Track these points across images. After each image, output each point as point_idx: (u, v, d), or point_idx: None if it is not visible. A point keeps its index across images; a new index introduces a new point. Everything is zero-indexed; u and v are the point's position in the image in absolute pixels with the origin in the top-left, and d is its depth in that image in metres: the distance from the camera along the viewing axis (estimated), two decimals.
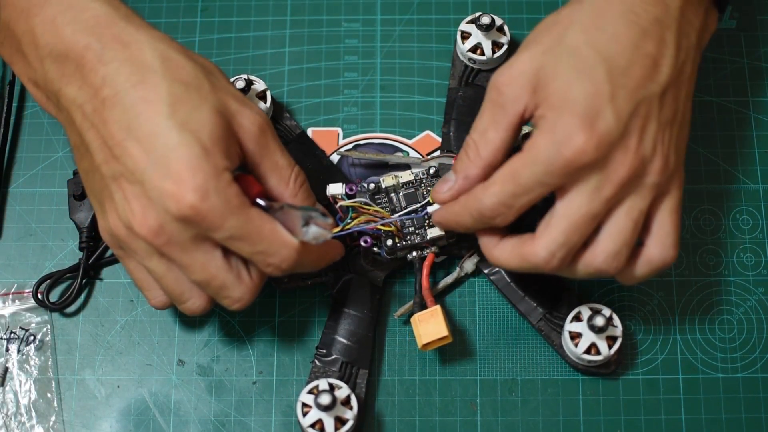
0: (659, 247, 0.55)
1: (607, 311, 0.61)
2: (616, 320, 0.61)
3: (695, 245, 0.66)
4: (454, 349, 0.64)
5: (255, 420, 0.63)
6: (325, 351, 0.62)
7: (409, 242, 0.63)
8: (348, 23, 0.73)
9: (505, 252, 0.56)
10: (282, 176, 0.56)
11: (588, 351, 0.60)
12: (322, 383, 0.59)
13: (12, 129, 0.70)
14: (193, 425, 0.63)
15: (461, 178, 0.56)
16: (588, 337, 0.60)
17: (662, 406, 0.63)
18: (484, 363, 0.64)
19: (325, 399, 0.57)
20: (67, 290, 0.65)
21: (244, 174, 0.55)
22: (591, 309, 0.61)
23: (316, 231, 0.52)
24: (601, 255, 0.54)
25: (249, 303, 0.55)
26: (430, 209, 0.61)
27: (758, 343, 0.64)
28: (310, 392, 0.59)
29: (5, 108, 0.70)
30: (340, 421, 0.58)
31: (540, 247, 0.54)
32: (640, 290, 0.65)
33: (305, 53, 0.72)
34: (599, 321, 0.59)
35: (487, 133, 0.55)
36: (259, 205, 0.54)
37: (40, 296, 0.65)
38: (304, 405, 0.59)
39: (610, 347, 0.60)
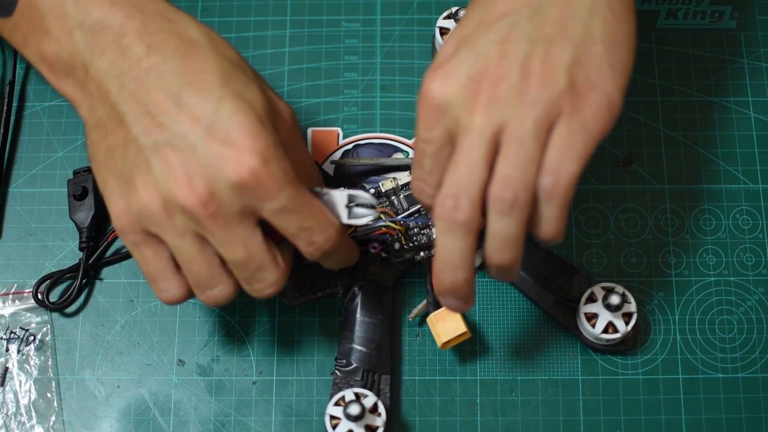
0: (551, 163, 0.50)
1: (620, 289, 0.61)
2: (630, 297, 0.61)
3: (695, 245, 0.66)
4: (454, 348, 0.64)
5: (255, 420, 0.63)
6: (344, 361, 0.62)
7: (416, 243, 0.63)
8: (348, 23, 0.73)
9: (436, 246, 0.52)
10: (308, 172, 0.57)
11: (605, 330, 0.61)
12: (348, 394, 0.59)
13: (12, 129, 0.70)
14: (193, 425, 0.63)
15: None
16: (604, 317, 0.61)
17: (662, 406, 0.63)
18: (484, 363, 0.64)
19: (354, 409, 0.57)
20: (67, 290, 0.65)
21: None
22: (604, 288, 0.61)
23: (361, 210, 0.54)
24: (493, 183, 0.50)
25: (280, 289, 0.54)
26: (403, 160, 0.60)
27: (758, 343, 0.64)
28: (336, 404, 0.59)
29: (5, 108, 0.70)
30: (370, 429, 0.59)
31: (439, 196, 0.51)
32: (641, 290, 0.65)
33: (305, 53, 0.72)
34: (615, 299, 0.60)
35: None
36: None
37: (40, 296, 0.65)
38: (333, 417, 0.59)
39: (626, 324, 0.61)
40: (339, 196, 0.54)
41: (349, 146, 0.69)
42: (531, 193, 0.50)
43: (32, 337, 0.65)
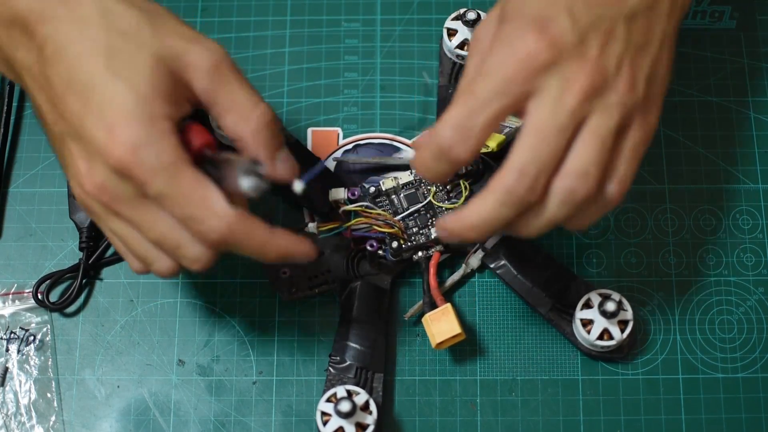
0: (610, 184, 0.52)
1: (616, 296, 0.61)
2: (626, 304, 0.61)
3: (695, 245, 0.66)
4: (454, 349, 0.64)
5: (255, 420, 0.63)
6: (338, 358, 0.62)
7: (414, 243, 0.63)
8: (348, 23, 0.73)
9: (473, 203, 0.51)
10: (241, 114, 0.52)
11: (600, 337, 0.61)
12: (340, 390, 0.59)
13: (12, 129, 0.70)
14: (193, 425, 0.63)
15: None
16: (600, 323, 0.61)
17: (662, 406, 0.63)
18: (484, 363, 0.64)
19: (345, 406, 0.57)
20: (67, 290, 0.65)
21: (193, 123, 0.52)
22: (600, 295, 0.61)
23: (250, 182, 0.49)
24: (570, 174, 0.50)
25: (209, 264, 0.52)
26: (404, 155, 0.56)
27: (758, 343, 0.64)
28: (328, 400, 0.59)
29: (5, 108, 0.70)
30: (360, 427, 0.59)
31: (508, 168, 0.50)
32: (641, 290, 0.65)
33: (305, 53, 0.72)
34: (610, 306, 0.60)
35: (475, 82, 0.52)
36: (205, 159, 0.51)
37: (40, 296, 0.65)
38: (324, 414, 0.59)
39: (622, 331, 0.61)
40: (239, 164, 0.50)
41: (349, 146, 0.69)
42: (599, 192, 0.51)
43: (32, 337, 0.65)
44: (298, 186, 0.52)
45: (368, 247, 0.62)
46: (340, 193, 0.63)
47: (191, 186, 0.49)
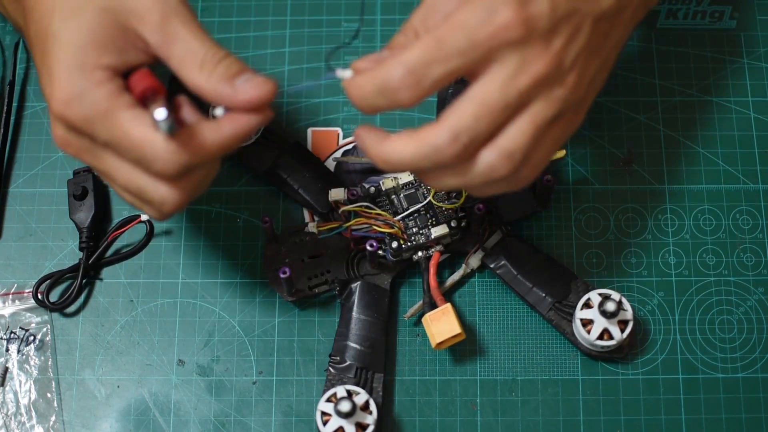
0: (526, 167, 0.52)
1: (616, 296, 0.61)
2: (626, 304, 0.61)
3: (695, 245, 0.66)
4: (454, 349, 0.64)
5: (255, 420, 0.63)
6: (338, 358, 0.62)
7: (414, 243, 0.63)
8: (348, 23, 0.73)
9: (399, 141, 0.50)
10: (194, 63, 0.50)
11: (600, 337, 0.61)
12: (340, 390, 0.59)
13: (12, 129, 0.70)
14: (193, 425, 0.63)
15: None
16: (600, 323, 0.61)
17: (662, 406, 0.63)
18: (484, 363, 0.64)
19: (345, 406, 0.57)
20: (67, 290, 0.65)
21: (140, 69, 0.51)
22: (600, 295, 0.61)
23: (159, 113, 0.47)
24: (497, 152, 0.50)
25: (175, 208, 0.52)
26: (339, 73, 0.52)
27: (758, 343, 0.64)
28: (328, 400, 0.59)
29: (5, 108, 0.70)
30: (360, 427, 0.59)
31: (444, 128, 0.49)
32: (641, 290, 0.65)
33: (305, 53, 0.72)
34: (610, 306, 0.60)
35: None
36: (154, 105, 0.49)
37: (40, 296, 0.65)
38: (324, 414, 0.59)
39: (622, 331, 0.61)
40: (157, 114, 0.48)
41: (349, 146, 0.69)
42: (514, 173, 0.51)
43: (32, 337, 0.65)
44: (218, 111, 0.51)
45: (368, 247, 0.62)
46: (340, 193, 0.63)
47: (132, 128, 0.49)
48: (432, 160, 0.50)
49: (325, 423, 0.58)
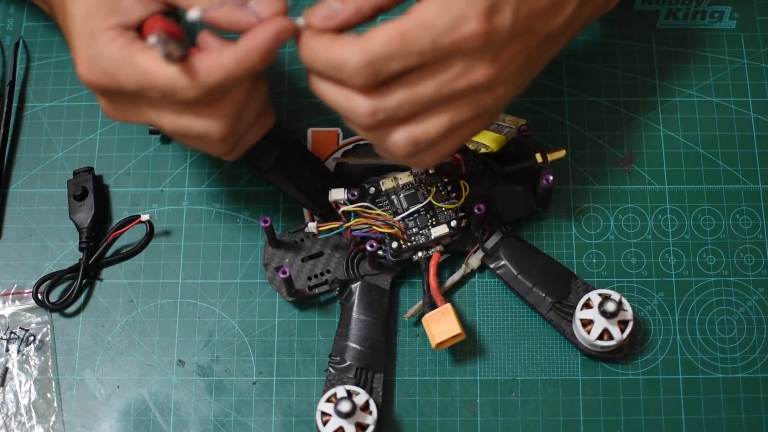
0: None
1: (616, 296, 0.61)
2: (626, 304, 0.61)
3: (695, 245, 0.66)
4: (454, 349, 0.64)
5: (255, 420, 0.63)
6: (338, 358, 0.62)
7: (414, 243, 0.63)
8: None
9: (345, 99, 0.51)
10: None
11: (600, 337, 0.61)
12: (340, 391, 0.59)
13: (12, 129, 0.70)
14: (193, 425, 0.63)
15: (353, 10, 0.51)
16: (600, 323, 0.61)
17: (662, 406, 0.63)
18: (484, 363, 0.64)
19: (345, 406, 0.57)
20: (67, 290, 0.65)
21: (153, 16, 0.52)
22: (600, 295, 0.61)
23: (150, 38, 0.48)
24: (405, 135, 0.51)
25: (223, 137, 0.52)
26: (299, 20, 0.51)
27: (758, 343, 0.64)
28: (328, 400, 0.59)
29: (5, 108, 0.70)
30: (360, 427, 0.59)
31: (372, 102, 0.50)
32: (641, 290, 0.65)
33: None
34: (610, 306, 0.60)
35: None
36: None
37: (40, 296, 0.65)
38: (324, 414, 0.59)
39: (621, 331, 0.61)
40: (150, 39, 0.49)
41: (349, 146, 0.69)
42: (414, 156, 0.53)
43: (32, 338, 0.65)
44: (192, 14, 0.50)
45: (368, 248, 0.62)
46: (340, 193, 0.63)
47: (146, 67, 0.50)
48: (350, 120, 0.52)
49: (325, 423, 0.59)
